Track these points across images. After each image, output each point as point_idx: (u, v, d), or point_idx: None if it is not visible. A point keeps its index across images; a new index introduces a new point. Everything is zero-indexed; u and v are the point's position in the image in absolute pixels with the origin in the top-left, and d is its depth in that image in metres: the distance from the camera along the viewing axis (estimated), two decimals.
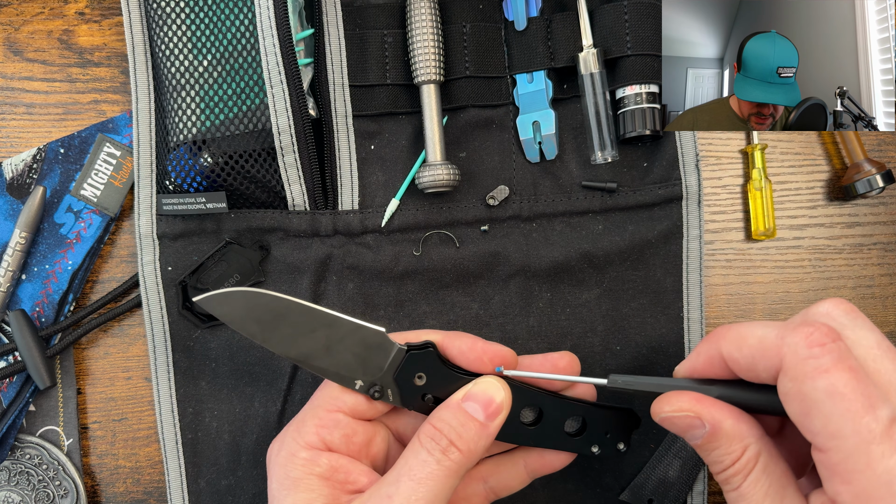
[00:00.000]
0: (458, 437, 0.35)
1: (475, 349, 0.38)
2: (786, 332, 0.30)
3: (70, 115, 0.50)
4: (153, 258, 0.46)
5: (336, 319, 0.37)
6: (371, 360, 0.37)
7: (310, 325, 0.37)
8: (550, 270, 0.47)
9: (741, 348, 0.31)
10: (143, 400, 0.50)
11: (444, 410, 0.36)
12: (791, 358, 0.29)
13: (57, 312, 0.48)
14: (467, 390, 0.37)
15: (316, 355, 0.37)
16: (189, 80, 0.45)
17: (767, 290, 0.50)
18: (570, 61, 0.47)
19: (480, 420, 0.36)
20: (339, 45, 0.47)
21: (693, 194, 0.47)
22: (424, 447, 0.35)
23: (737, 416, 0.32)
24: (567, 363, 0.40)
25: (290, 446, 0.37)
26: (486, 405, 0.36)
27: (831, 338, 0.29)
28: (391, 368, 0.37)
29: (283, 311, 0.37)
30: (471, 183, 0.48)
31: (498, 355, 0.38)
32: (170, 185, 0.45)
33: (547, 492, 0.47)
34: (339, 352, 0.37)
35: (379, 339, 0.37)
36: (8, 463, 0.48)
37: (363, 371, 0.37)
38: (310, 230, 0.46)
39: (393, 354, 0.37)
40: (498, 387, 0.37)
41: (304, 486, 0.35)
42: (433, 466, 0.34)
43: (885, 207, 0.51)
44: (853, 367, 0.28)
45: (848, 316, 0.31)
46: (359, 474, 0.37)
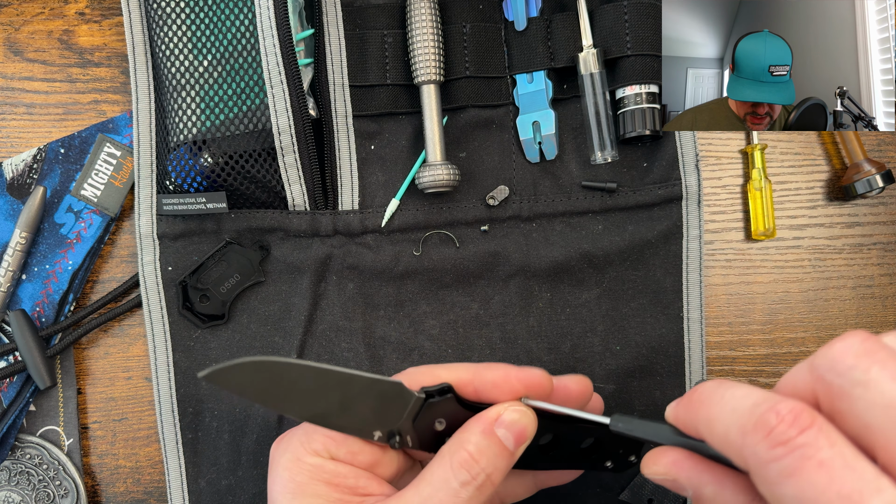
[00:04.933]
0: (494, 470, 0.34)
1: (509, 379, 0.36)
2: (748, 425, 0.25)
3: (70, 115, 0.50)
4: (153, 258, 0.46)
5: (351, 378, 0.35)
6: (389, 412, 0.36)
7: (324, 386, 0.35)
8: (550, 270, 0.47)
9: (711, 436, 0.27)
10: (144, 400, 0.50)
11: (477, 435, 0.34)
12: (754, 461, 0.25)
13: (57, 312, 0.48)
14: (499, 414, 0.35)
15: (332, 415, 0.35)
16: (189, 80, 0.45)
17: (767, 290, 0.50)
18: (570, 61, 0.47)
19: (510, 448, 0.34)
20: (339, 45, 0.47)
21: (693, 194, 0.47)
22: (458, 479, 0.33)
23: (720, 481, 0.28)
24: (579, 387, 0.38)
25: (295, 450, 0.36)
26: (518, 435, 0.34)
27: (798, 427, 0.24)
28: (409, 416, 0.36)
29: (295, 377, 0.35)
30: (471, 183, 0.48)
31: (534, 383, 0.36)
32: (170, 185, 0.45)
33: (547, 492, 0.47)
34: (356, 408, 0.35)
35: (396, 390, 0.36)
36: (8, 463, 0.48)
37: (381, 423, 0.36)
38: (310, 230, 0.47)
39: (411, 404, 0.36)
40: (529, 415, 0.35)
41: (311, 491, 0.34)
42: (464, 500, 0.33)
43: (885, 207, 0.51)
44: (824, 462, 0.23)
45: (859, 363, 0.24)
46: (367, 481, 0.36)
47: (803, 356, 0.50)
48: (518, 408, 0.35)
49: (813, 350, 0.50)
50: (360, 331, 0.47)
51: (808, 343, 0.50)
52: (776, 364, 0.50)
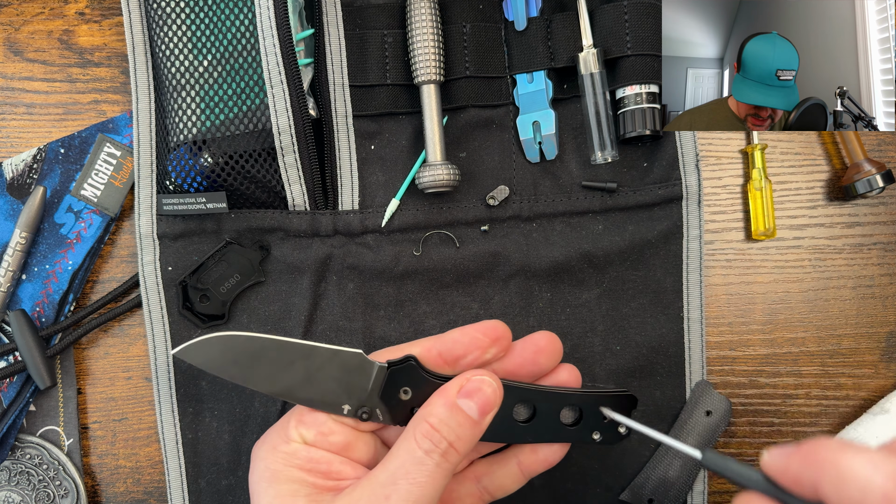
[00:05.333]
0: (457, 439, 0.35)
1: (467, 331, 0.38)
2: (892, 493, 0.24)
3: (70, 115, 0.50)
4: (153, 258, 0.46)
5: (312, 349, 0.37)
6: (354, 383, 0.37)
7: (287, 358, 0.37)
8: (550, 270, 0.47)
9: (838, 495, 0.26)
10: (144, 400, 0.50)
11: (439, 407, 0.35)
12: None
13: (57, 312, 0.48)
14: (460, 385, 0.36)
15: (298, 387, 0.37)
16: (189, 80, 0.45)
17: (767, 290, 0.50)
18: (570, 61, 0.47)
19: (475, 418, 0.35)
20: (339, 45, 0.47)
21: (693, 194, 0.47)
22: (421, 448, 0.34)
23: None
24: (547, 342, 0.39)
25: (271, 440, 0.37)
26: (482, 404, 0.36)
27: None
28: (375, 388, 0.37)
29: (258, 349, 0.37)
30: (471, 183, 0.48)
31: (490, 328, 0.38)
32: (170, 185, 0.45)
33: (547, 492, 0.47)
34: (321, 380, 0.37)
35: (358, 360, 0.37)
36: (8, 463, 0.48)
37: (348, 395, 0.37)
38: (310, 230, 0.47)
39: (374, 374, 0.37)
40: (490, 382, 0.36)
41: (285, 477, 0.35)
42: (431, 469, 0.34)
43: (885, 207, 0.51)
44: None
45: None
46: (341, 465, 0.36)
47: (803, 356, 0.50)
48: (480, 377, 0.36)
49: (813, 350, 0.50)
50: (360, 331, 0.47)
51: (808, 343, 0.50)
52: (776, 364, 0.50)
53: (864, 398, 0.50)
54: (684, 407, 0.47)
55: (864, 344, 0.50)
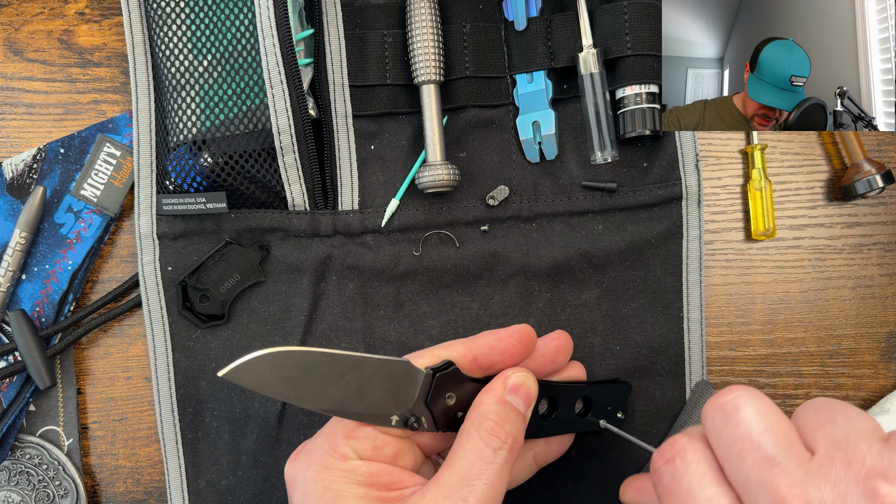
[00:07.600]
0: (518, 433, 0.36)
1: (501, 336, 0.39)
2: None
3: (70, 115, 0.50)
4: (153, 258, 0.46)
5: (363, 360, 0.36)
6: (401, 392, 0.36)
7: (338, 372, 0.36)
8: (550, 270, 0.47)
9: None
10: (143, 400, 0.50)
11: (494, 405, 0.36)
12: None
13: (57, 312, 0.48)
14: (505, 382, 0.37)
15: (350, 401, 0.36)
16: (189, 80, 0.45)
17: (767, 290, 0.50)
18: (569, 61, 0.47)
19: (522, 412, 0.37)
20: (339, 45, 0.47)
21: (693, 194, 0.47)
22: (491, 446, 0.35)
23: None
24: (564, 342, 0.42)
25: (322, 459, 0.36)
26: (525, 397, 0.37)
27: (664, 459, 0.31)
28: (421, 395, 0.37)
29: (311, 364, 0.35)
30: (471, 183, 0.48)
31: (520, 331, 0.39)
32: (170, 185, 0.45)
33: (547, 492, 0.47)
34: (371, 392, 0.36)
35: (405, 368, 0.37)
36: (8, 463, 0.48)
37: (396, 405, 0.36)
38: (310, 230, 0.47)
39: (421, 381, 0.37)
40: (531, 377, 0.38)
41: (350, 495, 0.34)
42: (500, 466, 0.34)
43: (885, 207, 0.51)
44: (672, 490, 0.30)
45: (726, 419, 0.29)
46: (400, 475, 0.36)
47: (803, 356, 0.50)
48: (520, 373, 0.38)
49: (813, 350, 0.50)
50: (360, 331, 0.47)
51: (808, 343, 0.50)
52: (776, 364, 0.50)
53: (864, 398, 0.50)
54: (684, 407, 0.47)
55: (863, 344, 0.50)
